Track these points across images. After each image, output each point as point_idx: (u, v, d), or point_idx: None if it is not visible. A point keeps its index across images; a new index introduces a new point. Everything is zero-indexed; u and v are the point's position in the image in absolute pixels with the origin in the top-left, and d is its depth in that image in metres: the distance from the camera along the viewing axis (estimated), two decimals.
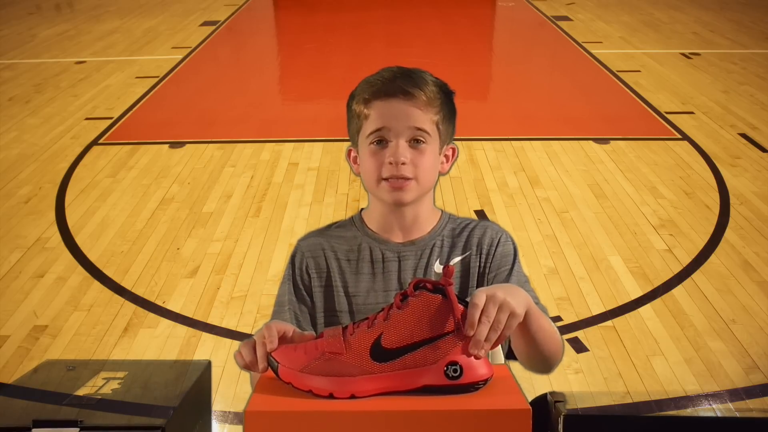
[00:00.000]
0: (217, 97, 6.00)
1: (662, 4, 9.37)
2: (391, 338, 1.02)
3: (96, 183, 4.32)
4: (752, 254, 3.45)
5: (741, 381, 2.63)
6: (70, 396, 1.05)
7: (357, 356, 1.01)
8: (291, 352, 1.04)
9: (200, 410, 1.13)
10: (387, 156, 1.34)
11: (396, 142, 1.34)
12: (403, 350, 1.01)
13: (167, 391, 1.10)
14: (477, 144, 4.80)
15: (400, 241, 1.42)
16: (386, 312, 1.04)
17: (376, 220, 1.43)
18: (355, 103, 1.39)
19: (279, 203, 4.03)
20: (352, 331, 1.04)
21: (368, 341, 1.02)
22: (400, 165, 1.33)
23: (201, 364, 1.16)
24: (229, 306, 3.12)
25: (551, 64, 7.13)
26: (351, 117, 1.41)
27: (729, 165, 4.45)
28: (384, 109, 1.35)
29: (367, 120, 1.36)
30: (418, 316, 1.02)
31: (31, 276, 3.36)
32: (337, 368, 1.01)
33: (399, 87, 1.34)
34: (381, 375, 1.01)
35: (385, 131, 1.34)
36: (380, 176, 1.35)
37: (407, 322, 1.02)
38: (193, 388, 1.09)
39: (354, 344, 1.02)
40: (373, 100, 1.36)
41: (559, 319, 2.98)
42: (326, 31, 8.29)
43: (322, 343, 1.03)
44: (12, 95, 6.00)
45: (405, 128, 1.34)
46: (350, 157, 1.45)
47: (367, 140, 1.36)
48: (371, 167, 1.36)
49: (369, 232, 1.43)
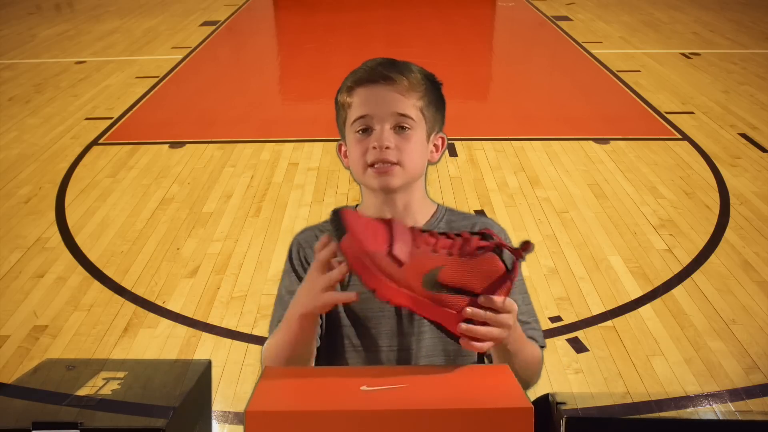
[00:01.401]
0: (217, 97, 6.00)
1: (662, 4, 9.37)
2: (448, 276, 1.07)
3: (96, 183, 4.32)
4: (752, 254, 3.45)
5: (741, 381, 2.63)
6: (70, 396, 1.05)
7: (412, 272, 1.07)
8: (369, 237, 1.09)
9: (200, 410, 1.13)
10: (371, 141, 1.34)
11: (380, 127, 1.34)
12: (449, 289, 1.07)
13: (167, 391, 1.10)
14: (477, 144, 4.80)
15: None
16: (454, 247, 1.08)
17: (369, 213, 1.43)
18: (340, 95, 1.39)
19: (279, 203, 4.03)
20: (418, 244, 1.08)
21: (427, 266, 1.07)
22: (384, 149, 1.33)
23: (201, 364, 1.15)
24: (229, 306, 3.12)
25: (551, 64, 7.13)
26: (338, 110, 1.41)
27: (729, 165, 4.45)
28: (366, 96, 1.35)
29: (351, 108, 1.36)
30: (479, 272, 1.07)
31: (31, 276, 3.36)
32: (387, 269, 1.07)
33: (380, 73, 1.35)
34: (414, 296, 1.07)
35: (368, 118, 1.34)
36: (366, 162, 1.35)
37: (467, 271, 1.07)
38: (193, 388, 1.09)
39: (413, 262, 1.07)
40: (356, 88, 1.36)
41: (559, 319, 2.98)
42: (326, 31, 8.29)
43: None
44: (12, 95, 6.00)
45: (388, 114, 1.34)
46: (340, 151, 1.44)
47: (352, 128, 1.36)
48: (357, 154, 1.36)
49: None
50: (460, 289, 1.07)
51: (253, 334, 2.93)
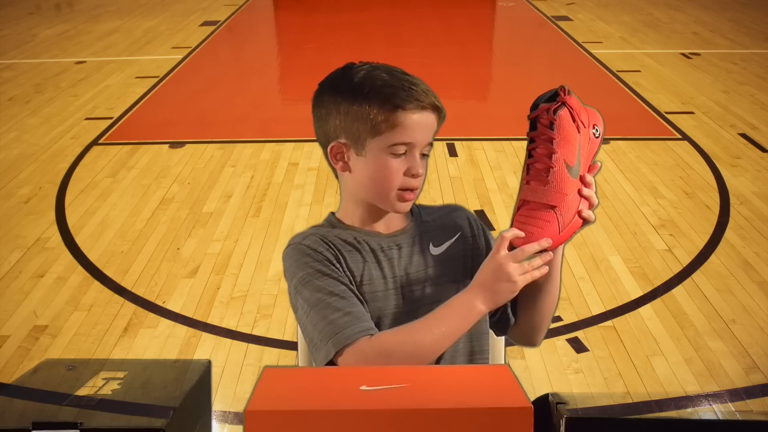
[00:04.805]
0: (217, 97, 6.00)
1: (662, 4, 9.37)
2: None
3: (96, 183, 4.32)
4: (752, 254, 3.45)
5: (741, 381, 2.63)
6: (70, 396, 1.05)
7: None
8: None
9: (200, 410, 1.13)
10: (411, 168, 1.33)
11: (414, 154, 1.33)
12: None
13: (167, 392, 1.10)
14: (477, 144, 4.80)
15: (388, 233, 1.42)
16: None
17: (356, 219, 1.41)
18: (372, 104, 1.31)
19: (279, 203, 4.03)
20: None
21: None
22: (417, 177, 1.34)
23: (201, 364, 1.15)
24: (229, 306, 3.13)
25: (551, 64, 7.13)
26: (358, 117, 1.32)
27: (729, 165, 4.45)
28: (417, 123, 1.31)
29: (394, 129, 1.30)
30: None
31: (31, 276, 3.36)
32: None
33: (432, 102, 1.32)
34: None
35: (411, 145, 1.32)
36: (394, 186, 1.33)
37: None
38: (193, 388, 1.09)
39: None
40: (404, 111, 1.30)
41: (559, 319, 2.98)
42: (326, 31, 8.29)
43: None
44: (12, 95, 6.00)
45: (426, 142, 1.34)
46: (334, 153, 1.38)
47: (388, 149, 1.31)
48: (387, 177, 1.33)
49: (356, 228, 1.41)
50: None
51: (253, 334, 2.93)
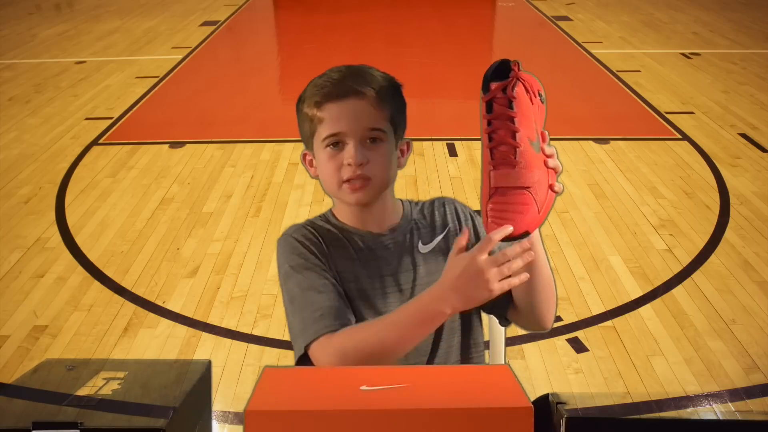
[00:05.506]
0: (217, 97, 6.00)
1: (662, 4, 9.37)
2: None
3: (96, 183, 4.32)
4: (752, 254, 3.45)
5: (741, 381, 2.63)
6: (70, 396, 1.05)
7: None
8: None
9: (200, 410, 1.13)
10: (345, 158, 1.33)
11: (353, 143, 1.33)
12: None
13: (167, 392, 1.10)
14: (477, 144, 4.77)
15: (378, 231, 1.42)
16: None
17: (347, 216, 1.43)
18: (306, 107, 1.36)
19: (279, 203, 4.03)
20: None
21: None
22: (358, 166, 1.33)
23: (201, 364, 1.15)
24: (229, 306, 3.13)
25: (551, 64, 7.13)
26: (302, 120, 1.39)
27: (729, 165, 4.45)
28: (338, 112, 1.33)
29: (322, 124, 1.34)
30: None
31: (31, 276, 3.36)
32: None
33: (350, 87, 1.33)
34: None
35: (341, 135, 1.33)
36: (340, 179, 1.34)
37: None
38: (193, 388, 1.09)
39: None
40: (325, 103, 1.34)
41: (559, 319, 2.98)
42: (326, 31, 8.29)
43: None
44: (12, 95, 6.00)
45: (361, 129, 1.33)
46: (306, 161, 1.43)
47: (323, 144, 1.35)
48: (330, 171, 1.35)
49: (347, 226, 1.43)
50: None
51: (253, 334, 2.93)
